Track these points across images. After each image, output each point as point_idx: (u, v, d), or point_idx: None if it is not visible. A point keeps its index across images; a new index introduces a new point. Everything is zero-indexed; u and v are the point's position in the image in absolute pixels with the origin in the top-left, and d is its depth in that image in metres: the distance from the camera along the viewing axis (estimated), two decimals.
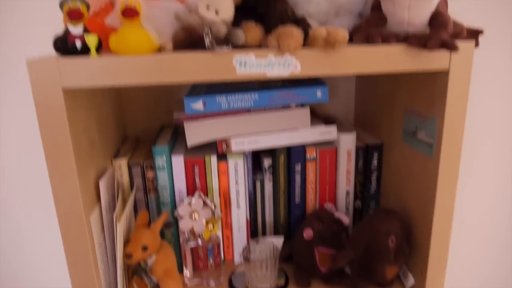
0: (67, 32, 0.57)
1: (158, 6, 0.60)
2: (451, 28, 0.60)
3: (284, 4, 0.62)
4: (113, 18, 0.58)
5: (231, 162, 0.82)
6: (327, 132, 0.84)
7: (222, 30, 0.56)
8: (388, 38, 0.60)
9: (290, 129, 0.82)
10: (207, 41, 0.57)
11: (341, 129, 0.85)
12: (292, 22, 0.61)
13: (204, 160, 0.81)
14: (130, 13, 0.55)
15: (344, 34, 0.57)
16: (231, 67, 0.58)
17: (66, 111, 0.57)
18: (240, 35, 0.58)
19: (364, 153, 0.87)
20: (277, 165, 0.84)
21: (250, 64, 0.58)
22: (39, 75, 0.55)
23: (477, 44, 0.68)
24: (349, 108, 1.04)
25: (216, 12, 0.57)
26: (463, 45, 0.62)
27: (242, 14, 0.62)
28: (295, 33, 0.57)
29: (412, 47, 0.60)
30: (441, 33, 0.59)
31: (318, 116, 0.92)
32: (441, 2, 0.61)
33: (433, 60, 0.62)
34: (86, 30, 0.58)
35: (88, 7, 0.58)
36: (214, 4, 0.57)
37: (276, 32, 0.58)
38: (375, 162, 0.87)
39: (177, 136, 0.92)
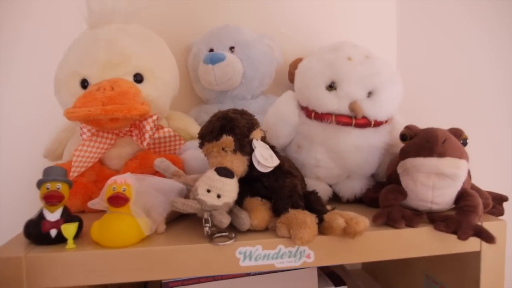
0: (41, 218, 0.48)
1: (151, 183, 0.53)
2: (481, 211, 0.53)
3: (294, 178, 0.56)
4: (98, 202, 0.50)
5: None
6: None
7: (225, 220, 0.48)
8: (412, 220, 0.53)
9: None
10: (206, 229, 0.49)
11: None
12: (303, 199, 0.54)
13: None
14: (118, 201, 0.47)
15: (365, 224, 0.49)
16: (234, 259, 0.49)
17: None
18: (245, 219, 0.51)
19: None
20: None
21: (256, 256, 0.50)
22: (1, 273, 0.45)
23: (502, 213, 0.62)
24: None
25: (218, 196, 0.49)
26: (495, 223, 0.55)
27: (246, 185, 0.55)
28: (309, 222, 0.49)
29: (440, 231, 0.53)
30: (471, 219, 0.52)
31: (324, 270, 0.82)
32: (466, 178, 0.55)
33: (462, 243, 0.54)
34: (66, 211, 0.50)
35: (70, 185, 0.51)
36: (216, 188, 0.49)
37: (286, 219, 0.50)
38: None
39: None
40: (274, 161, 0.55)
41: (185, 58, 0.89)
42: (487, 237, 0.51)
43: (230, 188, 0.50)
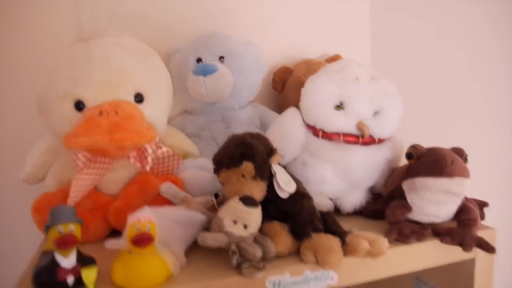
0: (55, 265, 0.43)
1: (168, 216, 0.50)
2: (480, 222, 0.58)
3: (310, 200, 0.56)
4: (118, 242, 0.46)
5: None
6: None
7: (258, 253, 0.47)
8: (421, 235, 0.56)
9: None
10: (233, 261, 0.48)
11: None
12: (321, 222, 0.55)
13: None
14: (143, 242, 0.44)
15: (387, 245, 0.52)
16: None
17: None
18: (271, 247, 0.50)
19: None
20: None
21: (284, 284, 0.49)
22: None
23: (483, 217, 0.68)
24: None
25: (245, 227, 0.48)
26: (486, 232, 0.60)
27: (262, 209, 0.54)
28: (335, 246, 0.50)
29: (446, 244, 0.57)
30: (472, 231, 0.56)
31: None
32: None
33: (462, 252, 0.59)
34: (79, 253, 0.45)
35: (81, 224, 0.46)
36: (242, 218, 0.48)
37: (311, 244, 0.51)
38: None
39: None
40: (293, 185, 0.55)
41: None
42: (488, 248, 0.56)
43: (255, 218, 0.50)
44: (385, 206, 0.63)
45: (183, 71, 0.78)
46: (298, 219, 0.54)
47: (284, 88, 0.89)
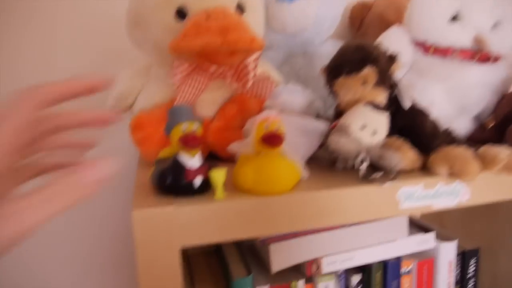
0: (180, 165, 0.40)
1: (290, 122, 0.46)
2: None
3: (430, 116, 0.51)
4: (240, 145, 0.43)
5: (321, 285, 0.67)
6: (424, 241, 0.72)
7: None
8: None
9: (386, 241, 0.69)
10: (361, 171, 0.44)
11: (440, 236, 0.74)
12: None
13: (290, 287, 0.65)
14: (275, 140, 0.40)
15: None
16: (394, 201, 0.45)
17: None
18: (398, 160, 0.46)
19: (461, 260, 0.76)
20: (371, 284, 0.70)
21: (416, 197, 0.45)
22: (149, 233, 0.38)
23: None
24: None
25: (373, 133, 0.44)
26: None
27: None
28: (469, 157, 0.46)
29: None
30: None
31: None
32: None
33: None
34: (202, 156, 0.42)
35: (202, 124, 0.43)
36: (372, 123, 0.44)
37: (443, 156, 0.46)
38: (471, 269, 0.77)
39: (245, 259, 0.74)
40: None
41: None
42: None
43: (384, 122, 0.45)
44: (497, 134, 0.58)
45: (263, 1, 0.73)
46: (422, 132, 0.50)
47: (363, 25, 0.83)
